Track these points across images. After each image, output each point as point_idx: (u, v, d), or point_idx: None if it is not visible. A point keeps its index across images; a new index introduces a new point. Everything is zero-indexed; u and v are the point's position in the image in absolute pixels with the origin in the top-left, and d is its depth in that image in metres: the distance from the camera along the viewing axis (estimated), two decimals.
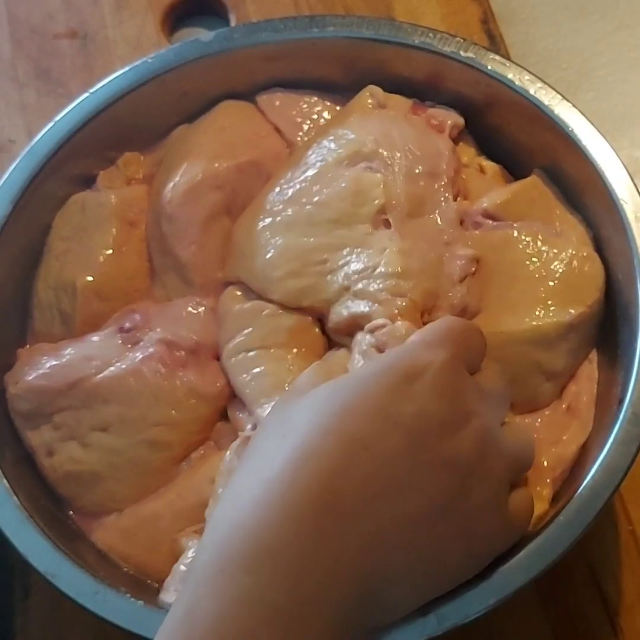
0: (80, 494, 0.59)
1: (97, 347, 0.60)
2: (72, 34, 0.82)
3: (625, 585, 0.63)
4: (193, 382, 0.59)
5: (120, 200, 0.65)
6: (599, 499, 0.53)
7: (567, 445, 0.59)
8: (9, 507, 0.55)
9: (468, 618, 0.50)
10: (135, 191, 0.67)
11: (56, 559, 0.54)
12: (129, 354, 0.60)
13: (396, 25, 0.66)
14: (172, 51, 0.67)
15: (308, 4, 0.81)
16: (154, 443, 0.59)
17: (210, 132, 0.66)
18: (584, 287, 0.60)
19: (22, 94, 0.80)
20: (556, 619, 0.62)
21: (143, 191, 0.67)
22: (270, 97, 0.68)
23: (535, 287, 0.60)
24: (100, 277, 0.63)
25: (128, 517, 0.59)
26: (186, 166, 0.64)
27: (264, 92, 0.69)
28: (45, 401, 0.59)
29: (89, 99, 0.65)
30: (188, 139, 0.66)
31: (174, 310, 0.62)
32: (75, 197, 0.66)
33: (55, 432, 0.59)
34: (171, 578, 0.56)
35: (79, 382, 0.59)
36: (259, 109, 0.68)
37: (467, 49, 0.64)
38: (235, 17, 0.81)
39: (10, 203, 0.62)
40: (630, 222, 0.58)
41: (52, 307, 0.64)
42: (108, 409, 0.59)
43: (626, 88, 0.79)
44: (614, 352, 0.60)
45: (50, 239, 0.65)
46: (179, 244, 0.63)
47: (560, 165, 0.64)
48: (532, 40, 0.81)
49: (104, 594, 0.53)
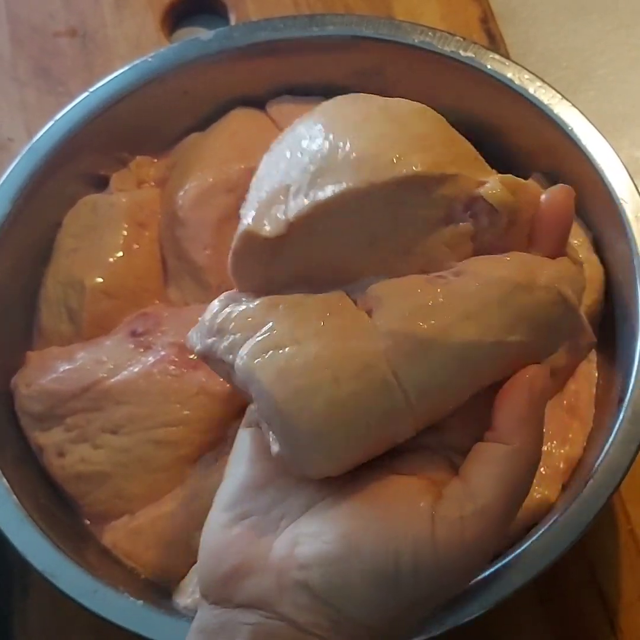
0: (88, 492, 0.60)
1: (109, 351, 0.61)
2: (72, 33, 0.82)
3: (624, 585, 0.63)
4: (203, 382, 0.59)
5: (131, 201, 0.66)
6: (599, 498, 0.53)
7: (573, 446, 0.59)
8: (9, 506, 0.55)
9: (468, 618, 0.50)
10: (147, 193, 0.67)
11: (55, 558, 0.54)
12: (141, 358, 0.60)
13: (396, 24, 0.66)
14: (172, 50, 0.67)
15: (307, 3, 0.81)
16: (163, 442, 0.59)
17: (222, 138, 0.67)
18: None
19: (22, 93, 0.80)
20: (556, 619, 0.62)
21: (154, 194, 0.67)
22: (279, 104, 0.69)
23: None
24: (109, 276, 0.63)
25: (141, 518, 0.59)
26: (197, 172, 0.65)
27: (274, 101, 0.69)
28: (57, 404, 0.59)
29: (89, 98, 0.65)
30: (200, 145, 0.67)
31: (189, 315, 0.62)
32: (86, 198, 0.66)
33: (66, 434, 0.60)
34: (188, 580, 0.56)
35: (91, 386, 0.59)
36: (269, 117, 0.69)
37: (466, 48, 0.64)
38: (235, 16, 0.81)
39: (10, 202, 0.62)
40: (630, 222, 0.58)
41: (60, 304, 0.64)
42: (119, 410, 0.59)
43: (626, 88, 0.79)
44: (614, 351, 0.60)
45: (59, 236, 0.66)
46: (193, 248, 0.64)
47: (560, 165, 0.64)
48: (532, 39, 0.81)
49: (104, 593, 0.53)
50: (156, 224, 0.66)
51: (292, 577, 0.42)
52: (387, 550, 0.41)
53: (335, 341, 0.42)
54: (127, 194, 0.67)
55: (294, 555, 0.42)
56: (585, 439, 0.59)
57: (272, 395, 0.41)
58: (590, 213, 0.63)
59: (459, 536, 0.41)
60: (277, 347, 0.42)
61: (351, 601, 0.41)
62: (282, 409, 0.41)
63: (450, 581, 0.42)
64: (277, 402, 0.41)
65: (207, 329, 0.46)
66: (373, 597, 0.41)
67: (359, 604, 0.41)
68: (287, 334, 0.42)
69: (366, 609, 0.41)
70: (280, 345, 0.42)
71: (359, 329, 0.42)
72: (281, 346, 0.42)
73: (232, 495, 0.45)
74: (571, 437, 0.59)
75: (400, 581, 0.41)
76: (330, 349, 0.42)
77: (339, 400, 0.41)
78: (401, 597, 0.41)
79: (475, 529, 0.41)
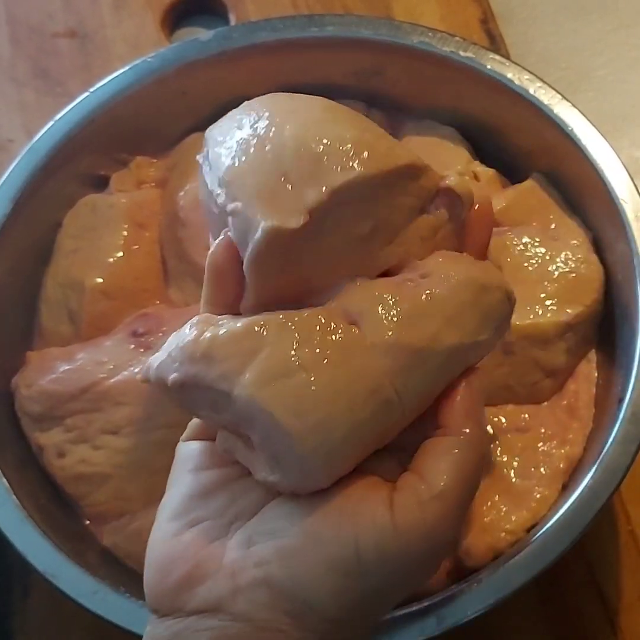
0: (88, 493, 0.60)
1: (109, 351, 0.61)
2: (71, 33, 0.82)
3: (624, 585, 0.63)
4: None
5: (131, 202, 0.66)
6: (598, 498, 0.53)
7: (573, 446, 0.59)
8: (9, 506, 0.55)
9: (468, 618, 0.50)
10: (147, 194, 0.67)
11: (56, 558, 0.54)
12: (141, 358, 0.60)
13: (395, 24, 0.66)
14: (172, 50, 0.67)
15: (307, 4, 0.81)
16: (163, 443, 0.59)
17: None
18: (581, 289, 0.61)
19: (21, 93, 0.80)
20: (555, 619, 0.62)
21: (154, 194, 0.67)
22: None
23: (533, 289, 0.60)
24: (108, 277, 0.63)
25: (141, 518, 0.59)
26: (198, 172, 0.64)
27: None
28: (57, 404, 0.59)
29: (88, 98, 0.65)
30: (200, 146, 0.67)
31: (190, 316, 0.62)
32: (86, 198, 0.66)
33: (66, 435, 0.59)
34: None
35: (91, 387, 0.59)
36: None
37: (466, 48, 0.64)
38: (235, 16, 0.81)
39: (10, 202, 0.62)
40: (630, 222, 0.58)
41: (60, 304, 0.64)
42: (119, 412, 0.59)
43: (626, 88, 0.79)
44: (614, 351, 0.60)
45: (59, 237, 0.66)
46: (194, 249, 0.64)
47: (560, 165, 0.64)
48: (532, 40, 0.81)
49: (104, 593, 0.53)
50: (156, 225, 0.66)
51: (248, 576, 0.41)
52: (348, 534, 0.41)
53: (342, 365, 0.41)
54: (127, 195, 0.67)
55: (249, 555, 0.42)
56: (585, 439, 0.59)
57: (288, 431, 0.40)
58: (590, 213, 0.63)
59: (420, 518, 0.41)
60: (283, 374, 0.41)
61: (314, 591, 0.41)
62: (300, 445, 0.40)
63: (414, 567, 0.42)
64: (295, 440, 0.40)
65: (187, 356, 0.42)
66: (336, 584, 0.41)
67: (322, 593, 0.41)
68: (290, 358, 0.41)
69: (329, 598, 0.41)
70: (286, 372, 0.41)
71: (356, 346, 0.42)
72: (288, 374, 0.41)
73: (179, 505, 0.45)
74: (571, 438, 0.59)
75: (363, 566, 0.41)
76: (339, 375, 0.41)
77: (355, 429, 0.41)
78: (365, 584, 0.41)
79: (435, 511, 0.41)
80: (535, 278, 0.61)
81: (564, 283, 0.61)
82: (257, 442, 0.42)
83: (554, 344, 0.60)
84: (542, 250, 0.61)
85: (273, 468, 0.42)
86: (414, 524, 0.41)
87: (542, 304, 0.60)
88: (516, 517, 0.56)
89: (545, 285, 0.61)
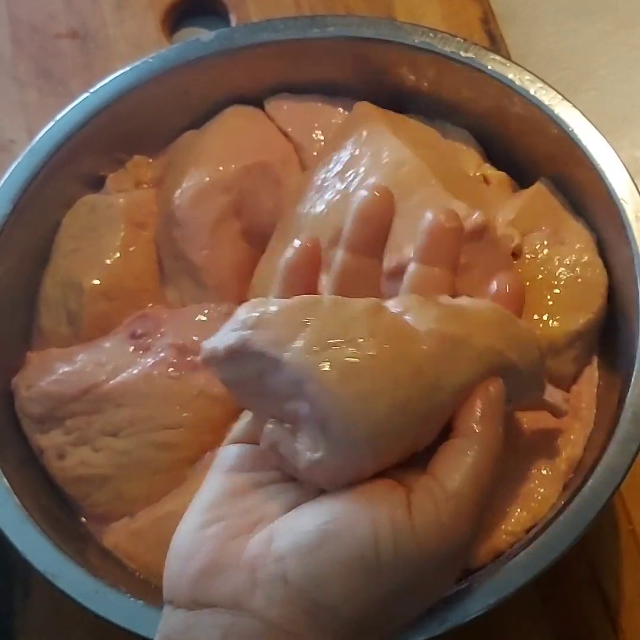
0: (88, 494, 0.60)
1: (108, 353, 0.61)
2: (72, 33, 0.82)
3: (625, 585, 0.63)
4: (203, 383, 0.59)
5: (129, 202, 0.66)
6: (599, 498, 0.53)
7: (574, 447, 0.59)
8: (10, 507, 0.55)
9: (468, 618, 0.50)
10: (144, 194, 0.67)
11: (56, 558, 0.54)
12: (140, 360, 0.60)
13: (396, 25, 0.66)
14: (173, 51, 0.67)
15: (309, 4, 0.81)
16: (164, 444, 0.59)
17: (218, 137, 0.67)
18: (588, 295, 0.60)
19: (23, 93, 0.80)
20: (557, 619, 0.62)
21: (151, 194, 0.67)
22: (278, 102, 0.69)
23: (540, 297, 0.60)
24: (107, 277, 0.63)
25: (141, 519, 0.59)
26: (193, 171, 0.64)
27: (272, 98, 0.69)
28: (57, 406, 0.59)
29: (89, 99, 0.65)
30: (195, 144, 0.67)
31: (188, 316, 0.62)
32: (85, 198, 0.66)
33: (66, 436, 0.59)
34: None
35: (91, 388, 0.59)
36: (267, 115, 0.69)
37: (467, 49, 0.64)
38: (236, 17, 0.81)
39: (11, 202, 0.62)
40: (630, 222, 0.58)
41: (59, 305, 0.64)
42: (119, 413, 0.59)
43: (627, 88, 0.79)
44: (614, 352, 0.60)
45: (58, 237, 0.66)
46: (190, 249, 0.63)
47: (561, 167, 0.64)
48: (533, 40, 0.81)
49: (104, 593, 0.53)
50: (154, 224, 0.66)
51: (267, 572, 0.41)
52: (366, 533, 0.41)
53: (388, 344, 0.43)
54: (125, 195, 0.66)
55: (269, 551, 0.42)
56: (585, 439, 0.59)
57: (337, 395, 0.41)
58: (591, 214, 0.63)
59: (436, 520, 0.42)
60: (332, 345, 0.42)
61: (330, 589, 0.41)
62: (347, 411, 0.41)
63: (431, 569, 0.42)
64: (343, 404, 0.41)
65: (240, 325, 0.44)
66: (352, 583, 0.41)
67: (338, 591, 0.41)
68: (339, 331, 0.43)
69: (345, 597, 0.41)
70: (335, 343, 0.42)
71: (402, 330, 0.44)
72: (336, 344, 0.42)
73: (208, 501, 0.45)
74: (572, 438, 0.59)
75: (381, 566, 0.41)
76: (386, 352, 0.43)
77: (399, 404, 0.42)
78: (381, 584, 0.41)
79: (450, 512, 0.42)
80: (543, 285, 0.60)
81: (571, 289, 0.60)
82: (303, 414, 0.43)
83: (563, 354, 0.59)
84: (550, 256, 0.61)
85: (318, 443, 0.43)
86: (430, 525, 0.42)
87: (550, 314, 0.59)
88: (516, 517, 0.56)
89: (553, 293, 0.60)
